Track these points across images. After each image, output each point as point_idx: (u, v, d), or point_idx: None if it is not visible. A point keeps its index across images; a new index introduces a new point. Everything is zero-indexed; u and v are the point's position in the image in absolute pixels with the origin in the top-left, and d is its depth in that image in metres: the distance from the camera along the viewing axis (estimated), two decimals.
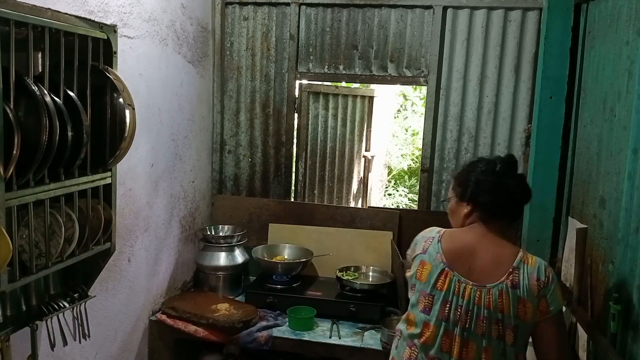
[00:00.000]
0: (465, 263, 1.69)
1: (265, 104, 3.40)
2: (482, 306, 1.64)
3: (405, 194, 6.90)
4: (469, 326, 1.64)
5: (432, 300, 1.67)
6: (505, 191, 1.72)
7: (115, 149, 1.93)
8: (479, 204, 1.75)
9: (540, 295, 1.67)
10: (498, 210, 1.74)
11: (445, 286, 1.67)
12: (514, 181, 1.74)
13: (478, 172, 1.76)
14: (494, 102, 3.09)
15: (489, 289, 1.65)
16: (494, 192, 1.72)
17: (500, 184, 1.72)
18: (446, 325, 1.66)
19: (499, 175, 1.73)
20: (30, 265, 1.67)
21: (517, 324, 1.65)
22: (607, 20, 2.30)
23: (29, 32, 1.58)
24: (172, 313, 2.74)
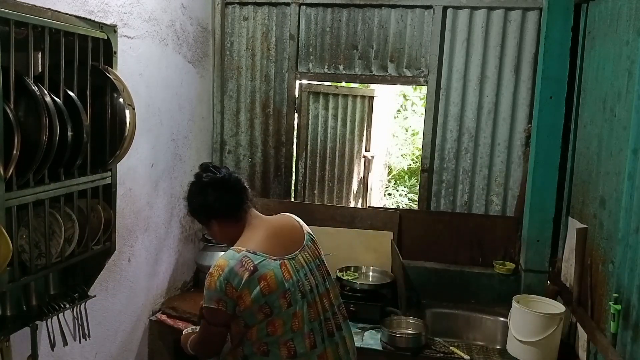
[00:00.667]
0: (282, 247, 1.83)
1: (265, 104, 3.40)
2: (312, 259, 1.88)
3: (405, 194, 6.90)
4: (316, 282, 1.85)
5: (290, 292, 1.76)
6: (221, 191, 1.84)
7: (115, 149, 1.93)
8: (217, 214, 1.86)
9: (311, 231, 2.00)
10: (233, 204, 1.85)
11: (290, 273, 1.78)
12: (217, 177, 1.86)
13: (195, 197, 1.88)
14: (494, 102, 3.09)
15: (306, 245, 1.89)
16: (217, 197, 1.84)
17: (215, 189, 1.84)
18: (307, 299, 1.80)
19: (208, 184, 1.85)
20: (30, 265, 1.67)
21: (322, 258, 1.96)
22: (607, 20, 2.30)
23: (29, 32, 1.58)
24: (172, 313, 2.74)
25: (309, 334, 1.78)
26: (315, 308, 1.82)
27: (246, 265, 1.71)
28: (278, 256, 1.79)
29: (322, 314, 1.84)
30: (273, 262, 1.76)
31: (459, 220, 3.13)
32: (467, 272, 3.04)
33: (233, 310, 1.72)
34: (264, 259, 1.74)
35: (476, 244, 3.10)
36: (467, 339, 2.82)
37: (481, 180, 3.14)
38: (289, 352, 1.76)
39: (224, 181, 1.85)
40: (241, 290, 1.69)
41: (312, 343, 1.78)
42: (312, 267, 1.87)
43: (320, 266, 1.92)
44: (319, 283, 1.87)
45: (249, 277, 1.69)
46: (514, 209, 3.09)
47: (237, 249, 1.76)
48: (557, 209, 2.74)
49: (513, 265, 2.99)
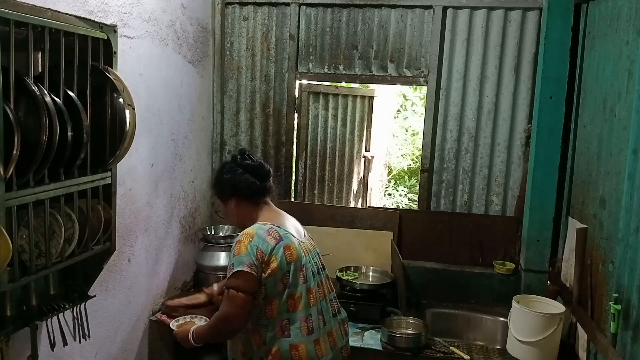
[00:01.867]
0: (295, 230, 2.04)
1: (265, 104, 3.40)
2: (313, 249, 2.08)
3: (405, 194, 6.90)
4: (318, 269, 2.05)
5: (305, 268, 1.96)
6: (251, 173, 2.03)
7: (115, 149, 1.93)
8: (240, 192, 2.02)
9: None
10: (256, 188, 2.03)
11: (305, 251, 2.00)
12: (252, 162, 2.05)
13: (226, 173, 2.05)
14: (494, 102, 3.08)
15: (305, 237, 2.09)
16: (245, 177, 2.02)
17: (245, 171, 2.03)
18: (315, 279, 2.01)
19: (240, 165, 2.04)
20: (30, 265, 1.67)
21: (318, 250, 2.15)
22: (607, 20, 2.30)
23: (29, 32, 1.58)
24: (172, 313, 2.73)
25: (320, 311, 1.98)
26: (322, 289, 2.03)
27: (273, 234, 1.91)
28: (296, 237, 2.00)
29: (327, 294, 2.05)
30: (294, 238, 1.98)
31: (459, 220, 3.13)
32: (467, 272, 3.04)
33: (260, 276, 1.85)
34: (287, 233, 1.96)
35: (476, 244, 3.10)
36: (467, 339, 2.82)
37: (481, 180, 3.14)
38: (308, 329, 1.92)
39: (255, 167, 2.04)
40: (269, 256, 1.86)
41: (323, 320, 1.98)
42: (314, 255, 2.08)
43: (318, 255, 2.12)
44: (319, 269, 2.07)
45: (276, 244, 1.89)
46: (514, 209, 3.09)
47: (262, 222, 1.96)
48: (557, 209, 2.74)
49: (513, 265, 2.99)
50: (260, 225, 1.94)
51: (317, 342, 1.93)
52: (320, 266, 2.08)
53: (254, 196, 2.03)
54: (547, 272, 2.77)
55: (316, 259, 2.08)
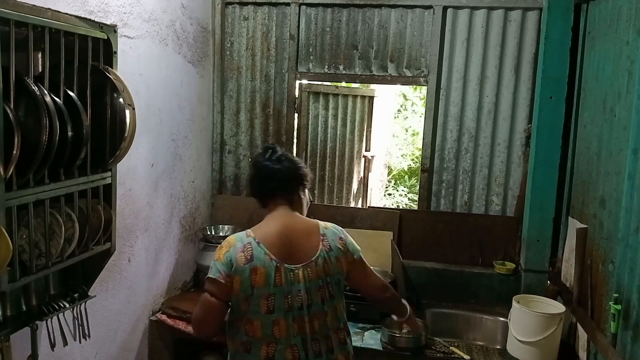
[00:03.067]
0: (287, 251, 1.83)
1: (265, 104, 3.40)
2: (315, 278, 1.84)
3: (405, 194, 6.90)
4: (310, 302, 1.83)
5: (274, 298, 1.78)
6: (258, 172, 1.96)
7: (115, 149, 1.93)
8: (252, 192, 2.00)
9: (345, 250, 1.94)
10: (261, 190, 1.95)
11: (282, 280, 1.79)
12: (263, 160, 1.95)
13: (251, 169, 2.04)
14: (494, 102, 3.08)
15: (315, 261, 1.85)
16: (254, 177, 1.98)
17: (255, 169, 1.98)
18: (292, 314, 1.80)
19: (253, 163, 2.01)
20: (30, 265, 1.67)
21: (338, 278, 1.91)
22: (607, 20, 2.30)
23: (29, 32, 1.58)
24: (172, 313, 2.74)
25: (293, 347, 1.80)
26: (301, 325, 1.81)
27: (246, 252, 1.79)
28: (278, 259, 1.81)
29: (310, 333, 1.82)
30: (269, 262, 1.79)
31: (459, 220, 3.13)
32: (467, 272, 3.04)
33: (231, 289, 1.78)
34: (264, 254, 1.80)
35: (476, 244, 3.10)
36: (467, 339, 2.82)
37: (481, 180, 3.14)
38: (268, 355, 1.78)
39: (260, 167, 1.95)
40: (233, 275, 1.78)
41: (295, 356, 1.80)
42: (311, 286, 1.83)
43: (323, 287, 1.86)
44: (314, 303, 1.83)
45: (243, 265, 1.78)
46: (514, 209, 3.09)
47: (248, 233, 1.86)
48: (557, 209, 2.74)
49: (513, 265, 2.99)
50: (243, 236, 1.85)
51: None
52: (316, 300, 1.83)
53: (261, 197, 1.97)
54: (547, 272, 2.77)
55: (313, 290, 1.83)
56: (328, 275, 1.87)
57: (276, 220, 1.89)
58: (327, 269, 1.87)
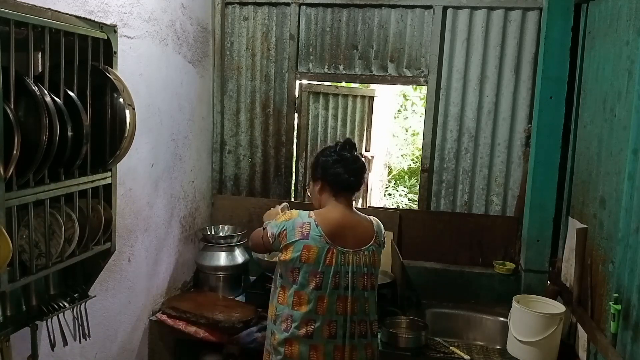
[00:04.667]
0: (342, 236, 2.01)
1: (265, 104, 3.40)
2: (362, 265, 2.03)
3: (405, 194, 6.90)
4: (355, 285, 2.01)
5: (322, 276, 1.97)
6: (342, 164, 2.06)
7: (115, 149, 1.93)
8: (327, 178, 2.08)
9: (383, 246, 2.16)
10: (341, 181, 2.06)
11: (333, 261, 1.97)
12: (349, 154, 2.08)
13: (323, 155, 2.12)
14: (494, 102, 3.09)
15: (364, 250, 2.04)
16: (335, 166, 2.06)
17: (338, 160, 2.07)
18: (338, 292, 1.99)
19: (337, 153, 2.09)
20: (30, 265, 1.66)
21: (377, 273, 2.12)
22: (607, 20, 2.30)
23: (29, 32, 1.58)
24: (172, 313, 2.74)
25: (330, 323, 1.98)
26: (344, 304, 2.00)
27: (304, 229, 1.98)
28: (332, 243, 1.98)
29: (351, 315, 2.01)
30: (323, 243, 1.97)
31: (459, 220, 3.13)
32: (467, 272, 3.05)
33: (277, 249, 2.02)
34: (319, 236, 1.97)
35: (476, 244, 3.10)
36: (467, 339, 2.82)
37: (481, 180, 3.14)
38: (307, 332, 1.96)
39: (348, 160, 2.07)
40: (287, 244, 1.97)
41: (331, 333, 1.98)
42: (357, 271, 2.02)
43: (366, 275, 2.05)
44: (357, 287, 2.02)
45: (298, 239, 1.96)
46: (514, 209, 3.09)
47: (310, 214, 2.02)
48: (557, 209, 2.74)
49: (513, 265, 2.99)
50: (305, 214, 2.02)
51: (314, 348, 1.96)
52: (358, 285, 2.02)
53: (336, 187, 2.07)
54: (547, 272, 2.77)
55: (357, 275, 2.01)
56: (373, 266, 2.07)
57: (338, 211, 2.06)
58: (374, 261, 2.07)
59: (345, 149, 2.09)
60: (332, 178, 2.07)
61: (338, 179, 2.06)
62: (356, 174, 2.07)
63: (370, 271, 2.06)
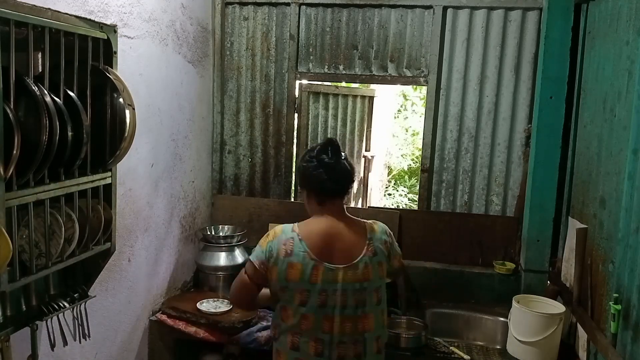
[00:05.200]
0: (329, 251, 1.85)
1: (265, 104, 3.40)
2: (353, 282, 1.85)
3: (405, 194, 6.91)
4: (344, 304, 1.84)
5: (308, 294, 1.83)
6: (323, 170, 1.88)
7: (115, 149, 1.93)
8: (309, 186, 1.93)
9: (389, 254, 1.96)
10: (324, 188, 1.90)
11: (319, 278, 1.83)
12: (328, 158, 1.89)
13: (303, 161, 1.95)
14: (494, 102, 3.09)
15: (356, 265, 1.85)
16: (316, 173, 1.89)
17: (317, 165, 1.89)
18: (324, 311, 1.84)
19: (316, 158, 1.90)
20: (30, 265, 1.67)
21: (379, 285, 1.91)
22: (607, 20, 2.30)
23: (29, 32, 1.58)
24: (172, 313, 2.74)
25: (318, 341, 1.85)
26: (330, 323, 1.84)
27: (287, 246, 1.85)
28: (318, 258, 1.84)
29: (338, 334, 1.84)
30: (307, 259, 1.83)
31: (459, 220, 3.13)
32: (467, 272, 3.04)
33: (267, 274, 1.88)
34: (303, 252, 1.83)
35: (476, 244, 3.10)
36: (467, 339, 2.82)
37: (481, 180, 3.14)
38: (293, 344, 1.87)
39: (329, 165, 1.88)
40: (273, 265, 1.85)
41: (318, 350, 1.85)
42: (348, 289, 1.84)
43: (360, 292, 1.86)
44: (348, 306, 1.85)
45: (282, 258, 1.84)
46: (514, 209, 3.09)
47: (294, 228, 1.89)
48: (557, 209, 2.74)
49: (513, 265, 2.99)
50: (289, 229, 1.88)
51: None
52: (350, 303, 1.84)
53: (319, 194, 1.91)
54: (547, 272, 2.77)
55: (349, 292, 1.84)
56: (367, 280, 1.86)
57: (325, 220, 1.90)
58: (367, 274, 1.86)
59: (325, 152, 1.89)
60: (314, 186, 1.91)
61: (320, 186, 1.89)
62: (339, 178, 1.90)
63: (363, 286, 1.85)
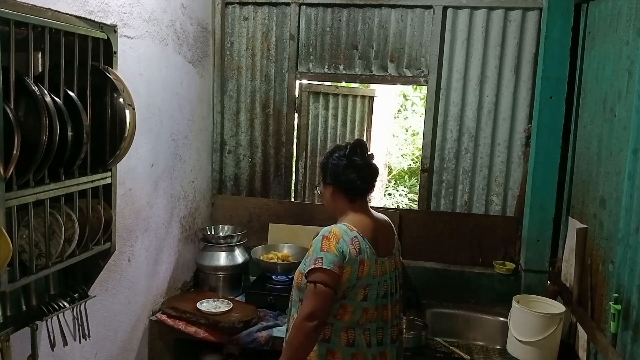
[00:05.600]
0: (380, 244, 1.93)
1: (265, 104, 3.40)
2: (394, 269, 1.98)
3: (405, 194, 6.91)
4: (393, 290, 1.97)
5: (369, 288, 1.87)
6: (354, 169, 1.95)
7: (115, 149, 1.93)
8: (339, 185, 1.98)
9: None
10: (355, 187, 1.96)
11: (379, 272, 1.90)
12: (360, 160, 1.96)
13: (333, 158, 1.99)
14: (494, 102, 3.09)
15: (394, 254, 2.00)
16: (347, 173, 1.95)
17: (349, 165, 1.95)
18: (381, 301, 1.91)
19: (347, 158, 1.96)
20: (30, 265, 1.66)
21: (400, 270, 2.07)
22: (607, 20, 2.30)
23: (29, 32, 1.58)
24: (172, 313, 2.74)
25: (365, 332, 1.89)
26: (381, 312, 1.92)
27: (355, 245, 1.85)
28: (377, 252, 1.90)
29: (391, 320, 1.95)
30: (372, 255, 1.88)
31: (459, 220, 3.13)
32: (467, 272, 3.04)
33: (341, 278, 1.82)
34: (368, 248, 1.87)
35: (476, 244, 3.11)
36: (467, 339, 2.82)
37: (481, 180, 3.14)
38: (348, 341, 1.88)
39: (360, 167, 1.95)
40: (346, 265, 1.82)
41: (367, 341, 1.89)
42: (392, 276, 1.97)
43: (398, 278, 2.01)
44: (394, 292, 1.97)
45: (355, 257, 1.83)
46: (514, 209, 3.09)
47: (349, 227, 1.89)
48: (557, 209, 2.74)
49: (513, 265, 2.99)
50: (346, 229, 1.87)
51: (356, 356, 1.87)
52: (391, 290, 1.95)
53: (351, 193, 1.96)
54: (547, 272, 2.77)
55: (391, 281, 1.95)
56: (400, 267, 2.05)
57: (367, 216, 1.98)
58: (399, 261, 2.05)
59: (356, 153, 1.96)
60: (345, 185, 1.96)
61: (351, 185, 1.95)
62: (370, 179, 1.98)
63: (400, 272, 2.04)
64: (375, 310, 1.90)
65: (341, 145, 2.03)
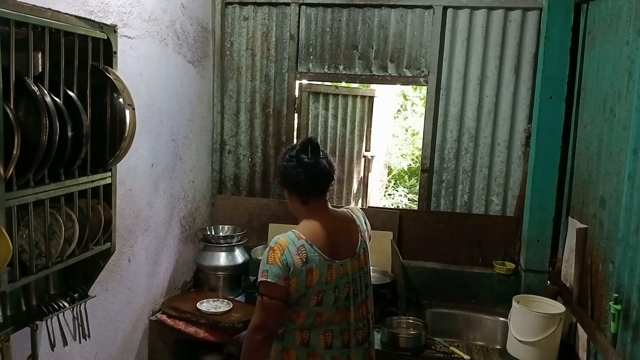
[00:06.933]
0: (335, 248, 1.89)
1: (265, 104, 3.40)
2: (359, 269, 1.94)
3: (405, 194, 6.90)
4: (356, 292, 1.93)
5: (323, 294, 1.85)
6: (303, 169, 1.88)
7: (115, 149, 1.93)
8: (291, 186, 1.93)
9: (369, 235, 2.08)
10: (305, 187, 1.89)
11: (334, 277, 1.86)
12: (307, 158, 1.88)
13: (284, 159, 1.94)
14: (494, 102, 3.08)
15: (357, 254, 1.94)
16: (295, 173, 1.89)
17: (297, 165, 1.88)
18: (337, 305, 1.88)
19: (295, 157, 1.89)
20: (30, 265, 1.67)
21: (369, 267, 2.04)
22: (607, 20, 2.30)
23: (29, 32, 1.58)
24: (172, 313, 2.74)
25: (327, 333, 1.88)
26: (344, 314, 1.90)
27: (301, 254, 1.81)
28: (330, 257, 1.86)
29: (355, 322, 1.92)
30: (322, 261, 1.84)
31: (459, 220, 3.13)
32: (467, 272, 3.05)
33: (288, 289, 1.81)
34: (317, 255, 1.83)
35: (476, 244, 3.11)
36: (467, 339, 2.82)
37: (481, 180, 3.14)
38: (302, 340, 1.87)
39: (308, 165, 1.88)
40: (291, 277, 1.79)
41: (327, 343, 1.88)
42: (355, 278, 1.93)
43: (364, 276, 1.98)
44: (359, 292, 1.94)
45: (300, 267, 1.80)
46: (514, 209, 3.09)
47: (298, 235, 1.85)
48: (557, 209, 2.74)
49: (513, 265, 2.99)
50: (294, 237, 1.84)
51: (312, 355, 1.87)
52: (354, 291, 1.92)
53: (302, 194, 1.91)
54: (547, 272, 2.77)
55: (354, 282, 1.91)
56: (365, 265, 1.99)
57: (321, 219, 1.91)
58: (366, 258, 1.99)
59: (304, 151, 1.88)
60: (295, 186, 1.90)
61: (301, 186, 1.89)
62: (319, 178, 1.90)
63: (364, 271, 1.97)
64: (336, 312, 1.87)
65: (293, 146, 1.96)
